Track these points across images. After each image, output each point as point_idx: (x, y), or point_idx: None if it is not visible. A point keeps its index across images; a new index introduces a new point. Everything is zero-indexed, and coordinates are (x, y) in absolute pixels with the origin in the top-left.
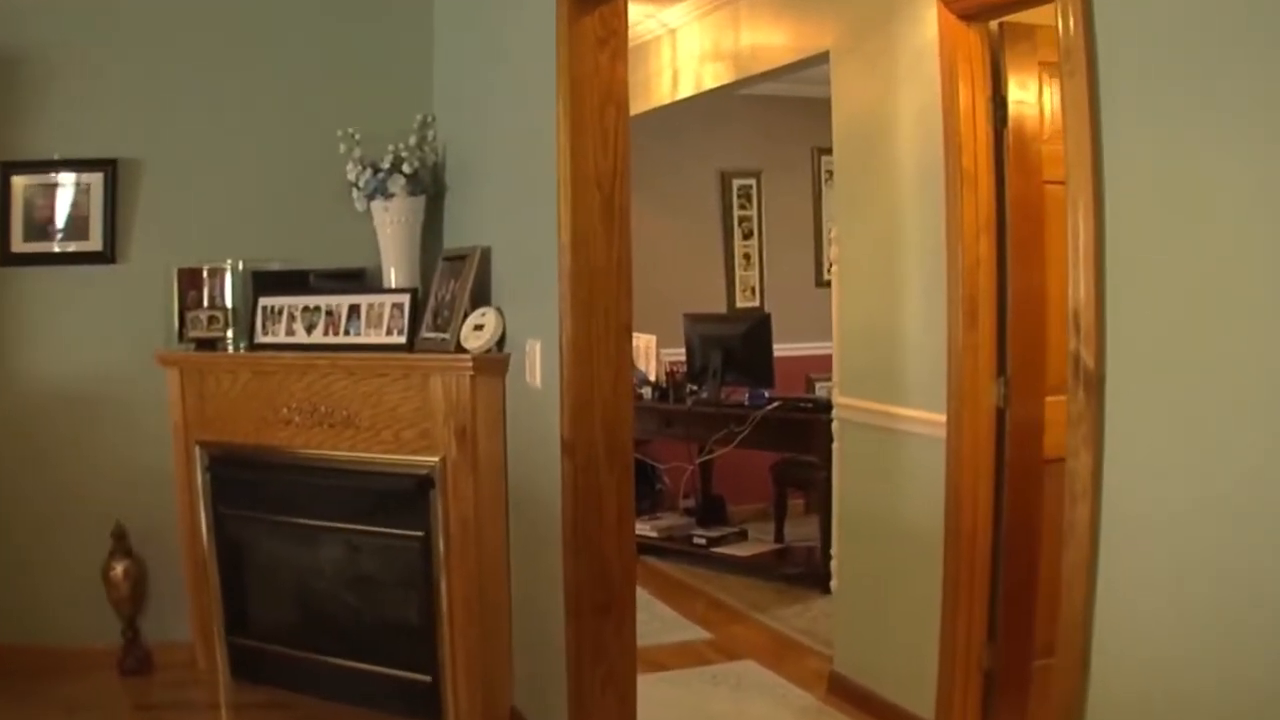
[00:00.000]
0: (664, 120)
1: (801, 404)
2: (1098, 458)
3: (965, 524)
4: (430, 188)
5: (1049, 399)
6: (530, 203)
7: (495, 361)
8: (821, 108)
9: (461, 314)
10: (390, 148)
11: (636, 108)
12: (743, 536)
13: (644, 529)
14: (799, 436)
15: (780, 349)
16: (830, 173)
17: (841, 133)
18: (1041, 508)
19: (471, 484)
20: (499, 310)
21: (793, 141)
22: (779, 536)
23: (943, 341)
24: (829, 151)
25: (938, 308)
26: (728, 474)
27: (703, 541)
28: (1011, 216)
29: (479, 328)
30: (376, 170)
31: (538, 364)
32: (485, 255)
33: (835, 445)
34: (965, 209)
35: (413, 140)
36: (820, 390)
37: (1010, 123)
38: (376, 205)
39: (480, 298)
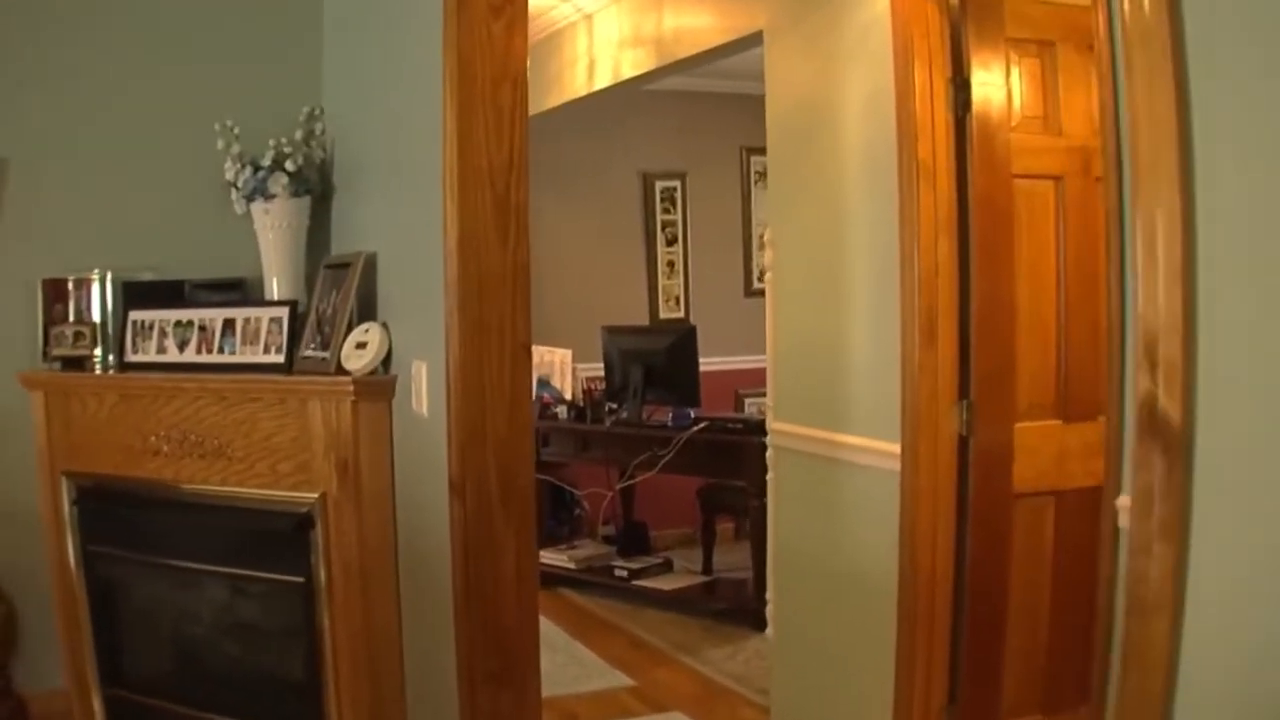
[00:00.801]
0: (581, 116)
1: (731, 425)
2: (1181, 555)
3: (923, 567)
4: (316, 188)
5: (1019, 425)
6: (417, 201)
7: (379, 385)
8: (751, 104)
9: (343, 330)
10: (271, 143)
11: (550, 101)
12: (667, 567)
13: (560, 559)
14: (729, 461)
15: (707, 363)
16: (761, 174)
17: (777, 123)
18: (1011, 549)
19: (355, 525)
20: (384, 326)
21: (720, 140)
22: (707, 567)
23: (896, 360)
24: (759, 151)
25: (890, 321)
26: (651, 498)
27: (624, 574)
28: (975, 216)
29: (361, 346)
30: (257, 168)
31: (424, 389)
32: (370, 263)
33: (770, 475)
34: (922, 207)
35: (298, 135)
36: (750, 408)
37: (973, 108)
38: (256, 208)
39: (366, 311)
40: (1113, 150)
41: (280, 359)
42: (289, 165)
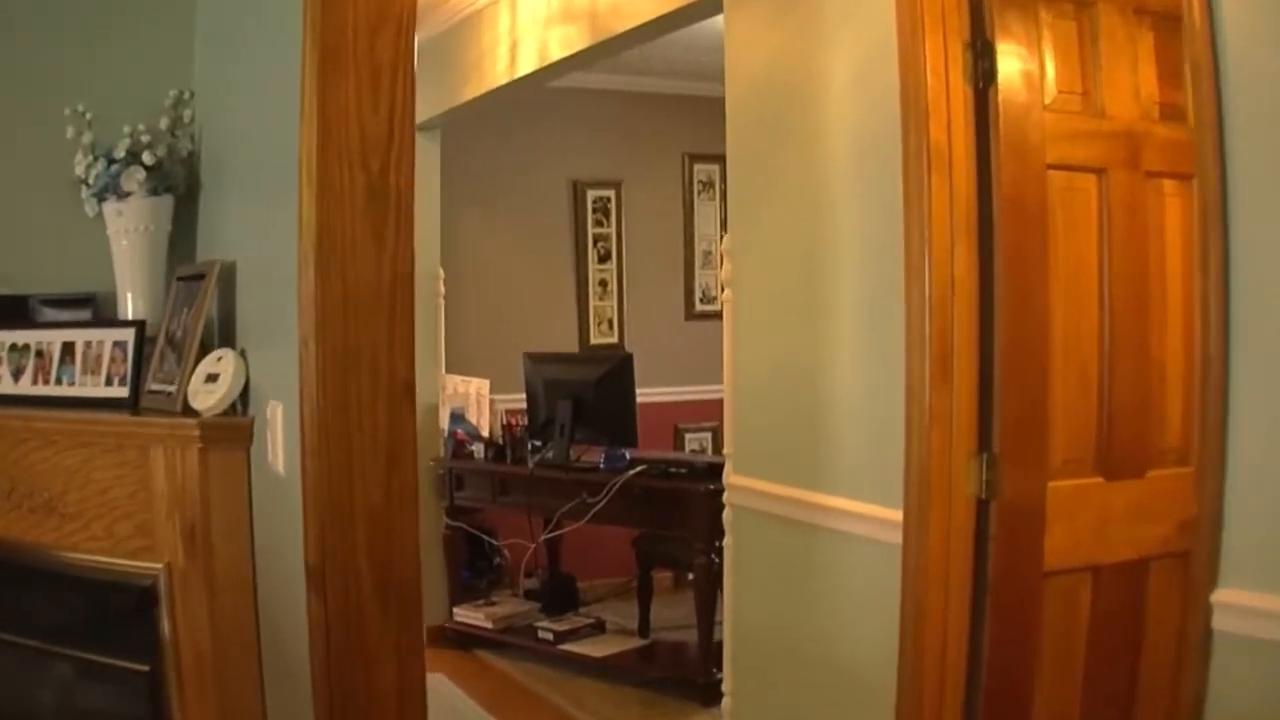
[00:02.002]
0: (504, 116)
1: (673, 469)
2: None
3: (929, 662)
4: (181, 185)
5: (1053, 484)
6: (277, 193)
7: (233, 429)
8: (695, 106)
9: (192, 359)
10: (126, 129)
11: (467, 92)
12: (598, 629)
13: (476, 617)
14: (670, 510)
15: (645, 395)
16: (705, 184)
17: (739, 105)
18: (1039, 641)
19: (206, 604)
20: (241, 354)
21: (660, 146)
22: (644, 627)
23: (897, 401)
24: (704, 158)
25: (889, 351)
26: (580, 546)
27: (549, 636)
28: (1002, 216)
29: (212, 379)
30: (110, 161)
31: (279, 439)
32: (228, 274)
33: (728, 540)
34: (934, 204)
35: (162, 123)
36: (692, 443)
37: (998, 79)
38: (109, 208)
39: (226, 335)
40: (1211, 124)
41: (124, 393)
42: (147, 158)
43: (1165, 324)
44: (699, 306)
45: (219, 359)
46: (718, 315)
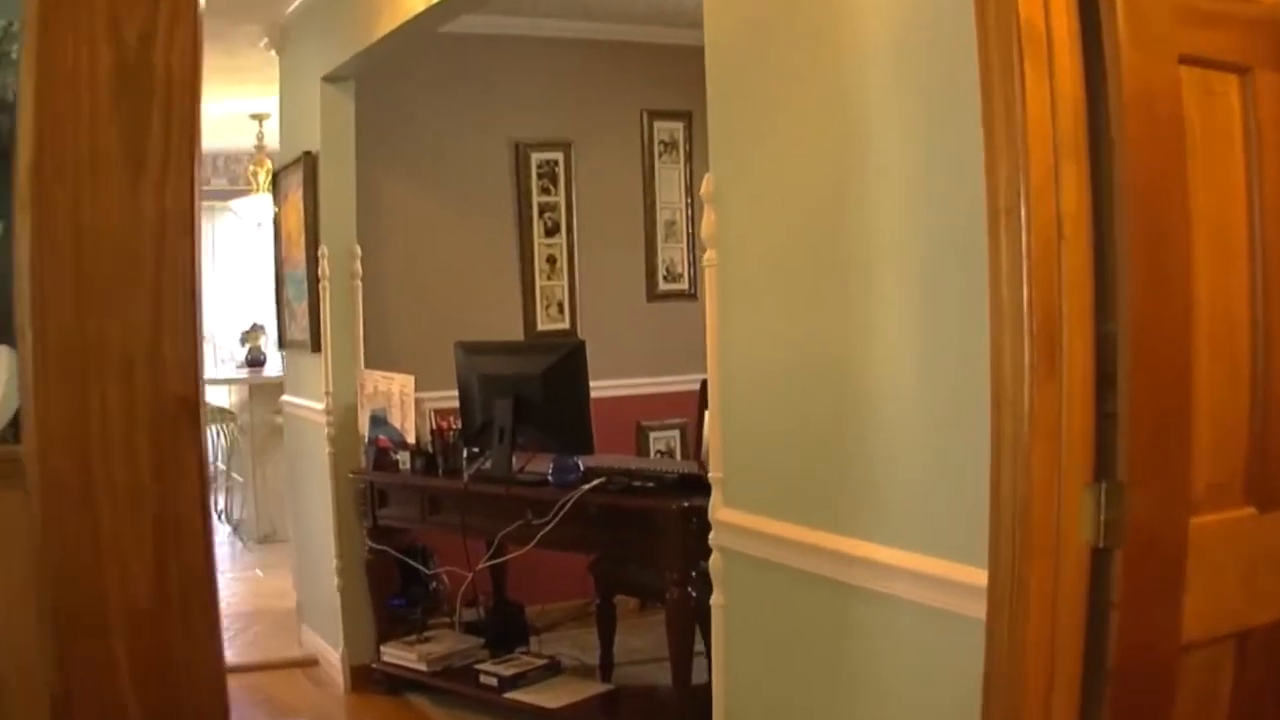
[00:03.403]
0: (431, 67)
1: (638, 481)
2: None
3: None
4: (6, 138)
5: (1196, 520)
6: None
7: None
8: (653, 56)
9: None
10: None
11: (381, 26)
12: (553, 670)
13: (407, 657)
14: (635, 533)
15: (601, 388)
16: (666, 144)
17: None
18: None
19: None
20: (11, 351)
21: (614, 102)
22: (606, 668)
23: (974, 404)
24: (665, 115)
25: (956, 330)
26: (528, 563)
27: (494, 681)
28: (1124, 128)
29: None
30: None
31: None
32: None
33: (716, 599)
34: (1030, 109)
35: None
36: (657, 443)
37: None
38: None
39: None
40: None
41: None
42: None
43: None
44: (663, 285)
45: None
46: (684, 295)
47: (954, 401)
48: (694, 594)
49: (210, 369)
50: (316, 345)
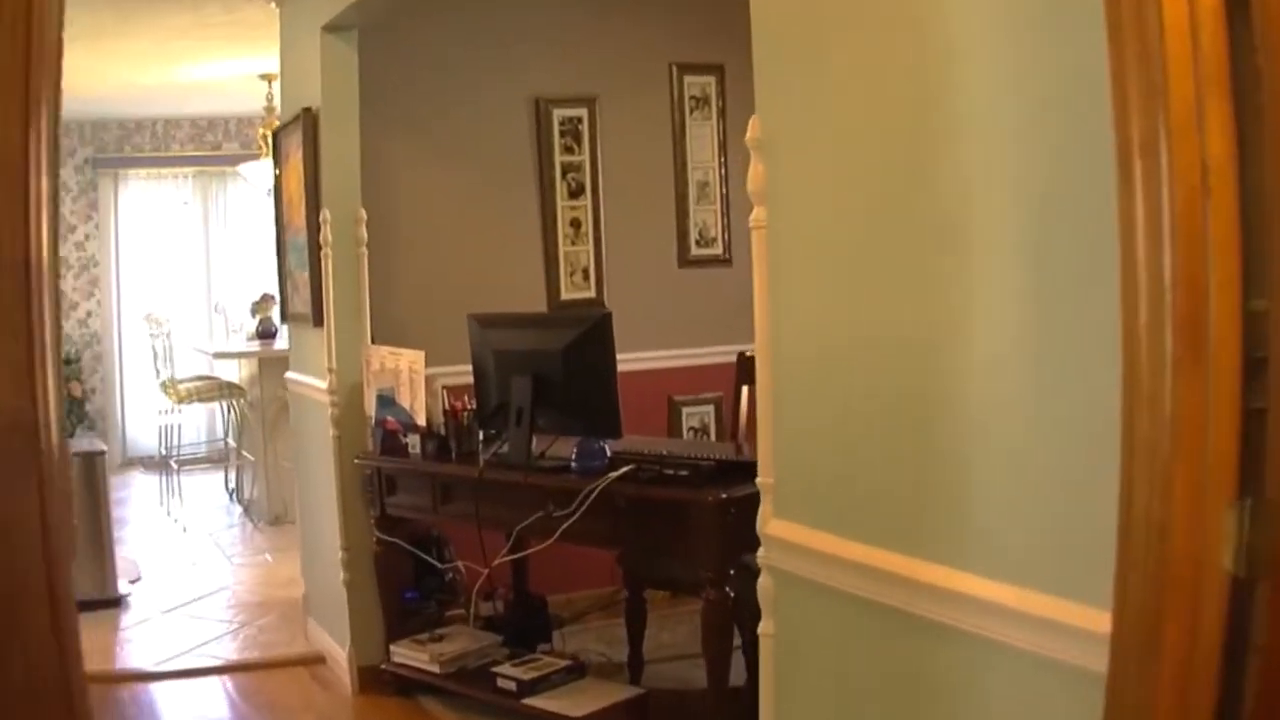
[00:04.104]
0: (443, 17)
1: (670, 469)
2: None
3: None
4: None
5: None
6: None
7: None
8: (683, 5)
9: None
10: None
11: None
12: (577, 672)
13: (418, 657)
14: (667, 526)
15: (629, 360)
16: (698, 99)
17: None
18: None
19: None
20: None
21: (642, 55)
22: (635, 668)
23: (1097, 404)
24: (697, 69)
25: (1074, 311)
26: (552, 553)
27: (512, 685)
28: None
29: None
30: None
31: None
32: None
33: (765, 626)
34: (1166, 24)
35: None
36: (690, 419)
37: None
38: None
39: None
40: None
41: None
42: None
43: None
44: (695, 250)
45: None
46: (718, 261)
47: (1069, 398)
48: (732, 593)
49: (221, 341)
50: (319, 318)
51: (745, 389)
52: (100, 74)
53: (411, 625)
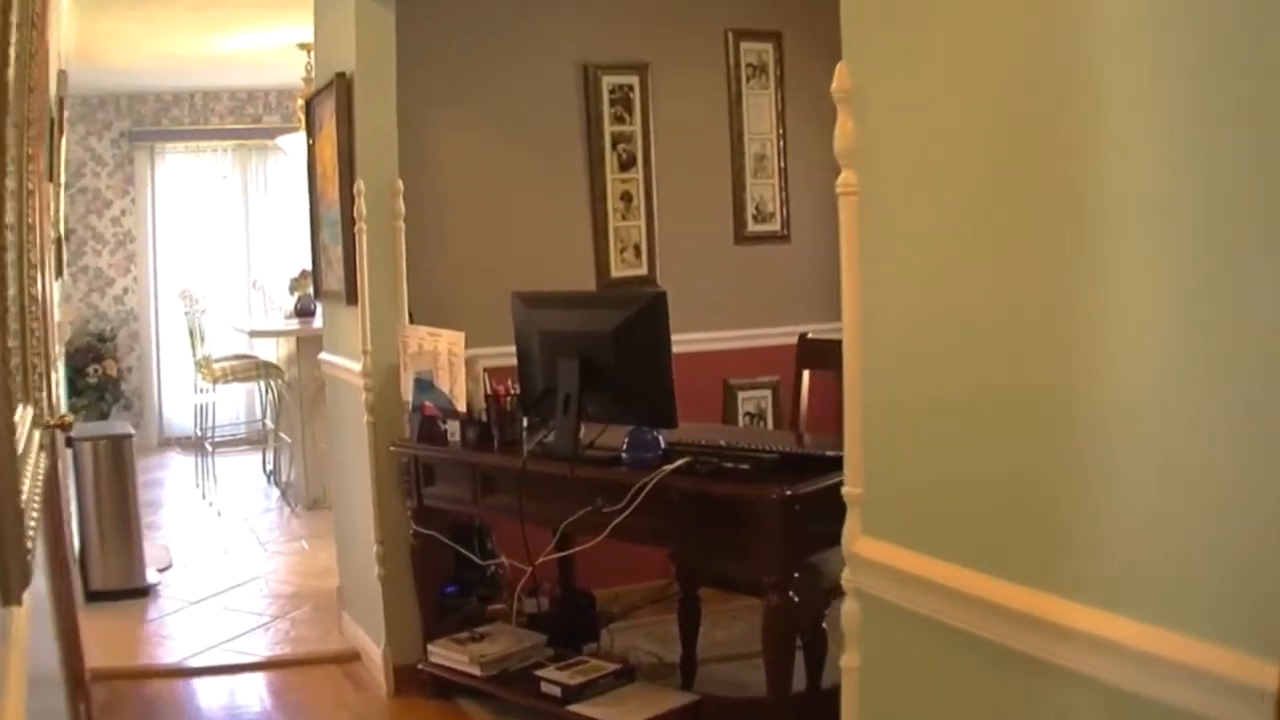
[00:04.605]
0: None
1: (730, 462)
2: None
3: None
4: None
5: None
6: None
7: None
8: None
9: None
10: None
11: None
12: (625, 677)
13: (458, 658)
14: (726, 526)
15: (682, 340)
16: (755, 67)
17: None
18: None
19: None
20: None
21: (696, 19)
22: (688, 672)
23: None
24: (754, 36)
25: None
26: (600, 549)
27: (556, 691)
28: None
29: None
30: None
31: None
32: None
33: (848, 659)
34: None
35: None
36: (746, 403)
37: None
38: None
39: None
40: None
41: None
42: None
43: None
44: (752, 226)
45: None
46: (776, 237)
47: (1246, 391)
48: (796, 597)
49: (259, 319)
50: (353, 296)
51: (807, 374)
52: (135, 42)
53: (451, 622)
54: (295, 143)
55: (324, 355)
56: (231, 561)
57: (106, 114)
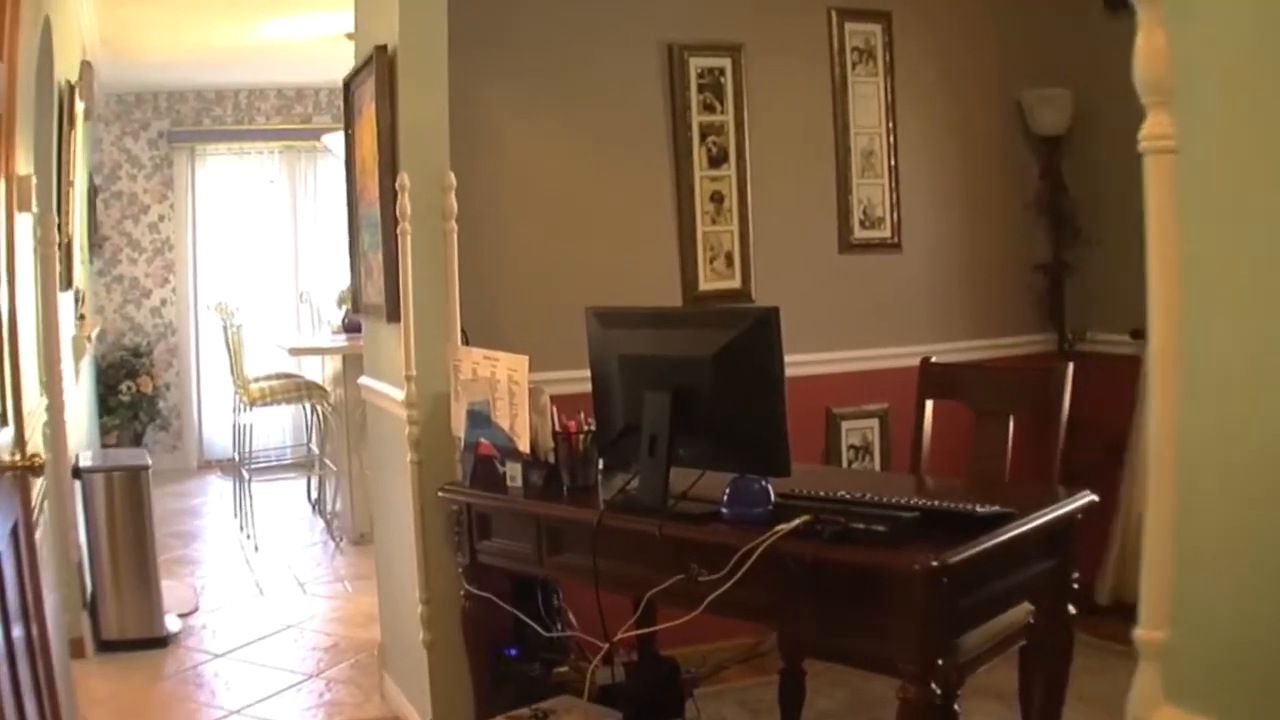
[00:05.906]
0: None
1: (860, 521)
2: None
3: None
4: None
5: None
6: None
7: None
8: None
9: None
10: None
11: None
12: None
13: None
14: (854, 601)
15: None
16: (861, 50)
17: None
18: None
19: None
20: None
21: None
22: None
23: None
24: (859, 16)
25: None
26: None
27: None
28: None
29: None
30: None
31: None
32: None
33: None
34: None
35: None
36: (851, 435)
37: None
38: None
39: None
40: None
41: None
42: None
43: None
44: (859, 233)
45: None
46: (887, 245)
47: None
48: (939, 690)
49: (307, 335)
50: (394, 312)
51: (930, 404)
52: (168, 31)
53: (509, 693)
54: (339, 141)
55: (364, 379)
56: (265, 605)
57: (144, 113)
